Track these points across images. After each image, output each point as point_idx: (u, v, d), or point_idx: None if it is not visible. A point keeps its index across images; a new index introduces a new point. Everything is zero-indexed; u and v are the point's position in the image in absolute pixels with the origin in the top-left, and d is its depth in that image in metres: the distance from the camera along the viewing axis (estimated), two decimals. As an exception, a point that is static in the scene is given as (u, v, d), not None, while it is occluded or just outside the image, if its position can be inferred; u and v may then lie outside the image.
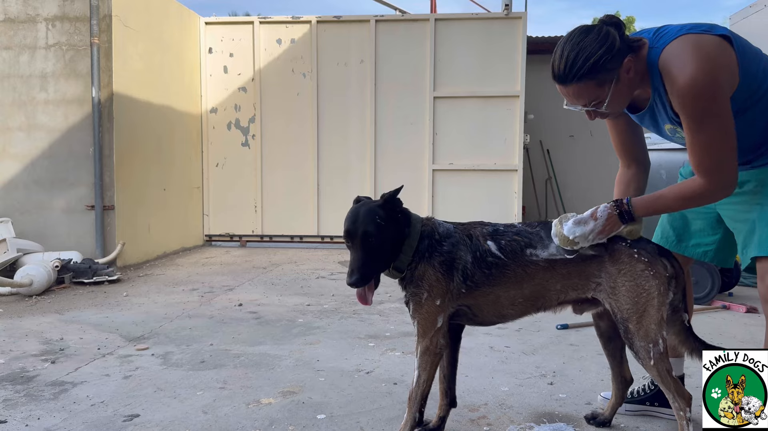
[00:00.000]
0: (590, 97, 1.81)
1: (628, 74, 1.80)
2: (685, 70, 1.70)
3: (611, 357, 2.24)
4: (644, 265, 1.90)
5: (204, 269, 6.06)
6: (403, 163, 7.52)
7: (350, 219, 1.98)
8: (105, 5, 5.69)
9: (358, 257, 1.95)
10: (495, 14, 7.60)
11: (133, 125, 6.10)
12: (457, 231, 2.05)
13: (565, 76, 1.79)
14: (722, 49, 1.74)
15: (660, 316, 1.89)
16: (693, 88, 1.69)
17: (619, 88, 1.80)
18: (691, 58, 1.71)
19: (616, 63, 1.77)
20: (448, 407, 2.21)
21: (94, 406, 2.49)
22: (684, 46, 1.74)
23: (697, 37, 1.75)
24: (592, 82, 1.77)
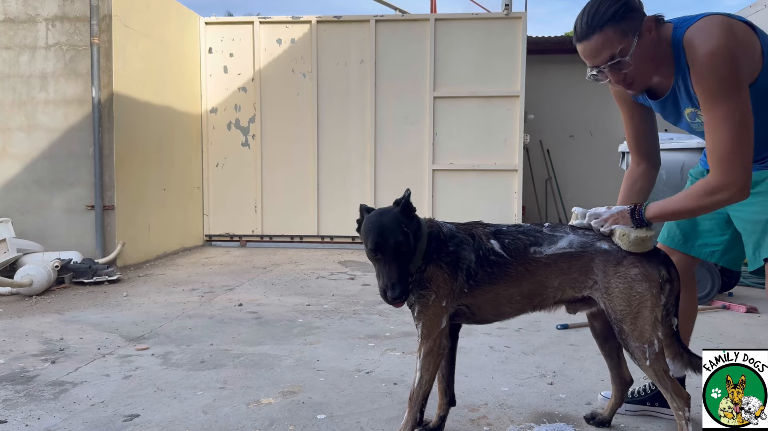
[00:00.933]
0: (614, 47, 1.75)
1: (650, 34, 1.77)
2: (709, 40, 1.68)
3: (609, 357, 2.25)
4: (638, 269, 1.91)
5: (204, 269, 6.06)
6: (403, 163, 7.53)
7: (376, 231, 1.88)
8: (105, 5, 5.70)
9: (393, 269, 1.85)
10: (495, 14, 7.60)
11: (133, 125, 6.10)
12: (459, 231, 2.06)
13: (588, 26, 1.77)
14: (748, 32, 1.73)
15: (654, 317, 1.89)
16: (714, 59, 1.66)
17: (643, 44, 1.76)
18: (717, 32, 1.68)
19: (637, 16, 1.76)
20: (447, 406, 2.22)
21: (94, 406, 2.49)
22: (710, 22, 1.72)
23: (724, 17, 1.74)
24: (616, 29, 1.73)
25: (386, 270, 1.86)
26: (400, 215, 1.93)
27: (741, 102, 1.68)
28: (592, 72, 1.84)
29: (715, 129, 1.70)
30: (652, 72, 1.84)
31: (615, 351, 2.22)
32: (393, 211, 1.95)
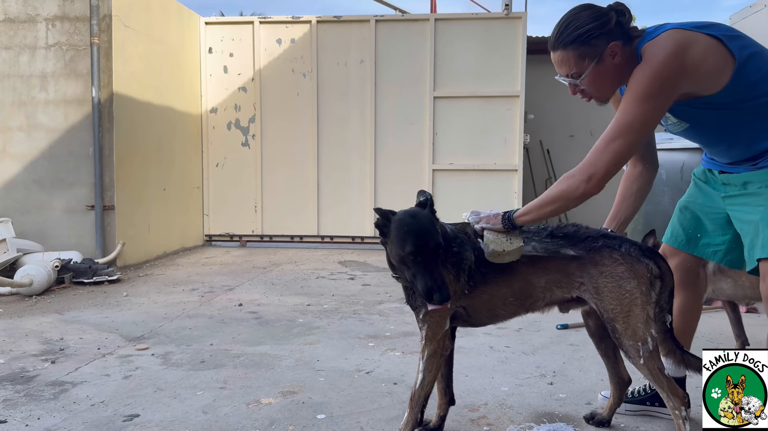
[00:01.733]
0: (570, 68, 1.87)
1: (613, 59, 1.85)
2: (654, 52, 1.77)
3: (605, 357, 2.25)
4: (624, 267, 1.91)
5: (204, 269, 6.06)
6: (403, 163, 7.53)
7: (416, 234, 1.84)
8: (105, 5, 5.69)
9: (435, 271, 1.83)
10: (495, 14, 7.60)
11: (133, 125, 6.10)
12: (459, 232, 2.06)
13: (555, 41, 1.89)
14: (709, 49, 1.77)
15: (646, 315, 1.90)
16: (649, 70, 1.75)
17: (601, 69, 1.85)
18: (666, 47, 1.76)
19: (602, 42, 1.83)
20: (447, 405, 2.22)
21: (94, 406, 2.49)
22: (667, 36, 1.79)
23: (687, 33, 1.79)
24: (574, 53, 1.84)
25: (428, 272, 1.82)
26: (432, 216, 1.94)
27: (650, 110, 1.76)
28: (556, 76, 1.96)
29: (616, 121, 1.80)
30: (611, 89, 1.94)
31: (612, 350, 2.22)
32: (424, 212, 1.94)
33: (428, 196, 2.00)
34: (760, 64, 1.81)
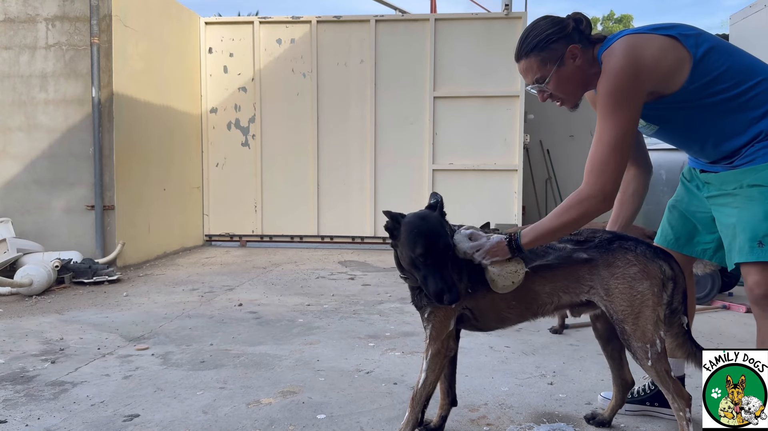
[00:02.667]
0: (534, 73, 1.94)
1: (574, 61, 1.90)
2: (611, 61, 1.82)
3: (611, 359, 2.25)
4: (637, 268, 1.91)
5: (204, 269, 6.06)
6: (403, 163, 7.52)
7: (427, 236, 1.86)
8: (105, 5, 5.69)
9: (445, 272, 1.85)
10: (495, 14, 7.61)
11: (133, 125, 6.10)
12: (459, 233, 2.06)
13: (518, 52, 1.97)
14: (662, 49, 1.81)
15: (656, 317, 1.89)
16: (608, 79, 1.81)
17: (564, 72, 1.91)
18: (622, 53, 1.81)
19: (562, 45, 1.89)
20: (449, 406, 2.22)
21: (94, 406, 2.49)
22: (622, 42, 1.84)
23: (640, 37, 1.84)
24: (536, 58, 1.92)
25: (439, 273, 1.84)
26: (442, 219, 1.96)
27: (621, 120, 1.80)
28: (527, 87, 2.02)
29: (598, 139, 1.83)
30: (577, 92, 1.99)
31: (617, 352, 2.22)
32: (434, 214, 1.96)
33: (439, 198, 2.02)
34: (718, 61, 1.83)
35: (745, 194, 1.85)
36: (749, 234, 1.83)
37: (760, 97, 1.82)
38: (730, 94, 1.83)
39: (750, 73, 1.84)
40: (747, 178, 1.85)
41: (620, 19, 28.28)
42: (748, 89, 1.82)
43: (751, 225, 1.83)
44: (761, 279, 1.83)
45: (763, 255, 1.81)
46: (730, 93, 1.83)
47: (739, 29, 7.57)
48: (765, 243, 1.81)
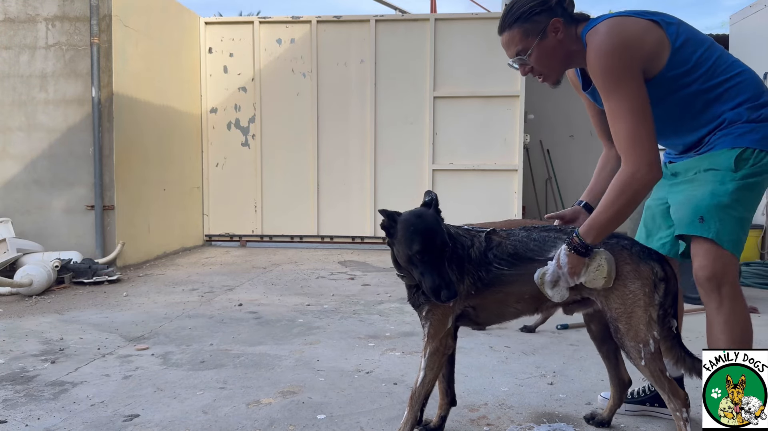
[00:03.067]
0: (516, 45, 1.94)
1: (556, 35, 1.91)
2: (596, 41, 1.82)
3: (607, 359, 2.25)
4: (630, 267, 1.92)
5: (204, 269, 6.06)
6: (403, 163, 7.53)
7: (424, 233, 1.87)
8: (105, 5, 5.69)
9: (442, 269, 1.86)
10: (495, 14, 7.60)
11: (133, 125, 6.10)
12: (463, 234, 2.06)
13: (500, 25, 1.97)
14: (645, 30, 1.83)
15: (648, 317, 1.89)
16: (598, 57, 1.80)
17: (546, 45, 1.92)
18: (606, 33, 1.82)
19: (544, 17, 1.90)
20: (448, 406, 2.22)
21: (94, 406, 2.49)
22: (606, 24, 1.85)
23: (623, 18, 1.87)
24: (519, 30, 1.92)
25: (435, 271, 1.85)
26: (438, 216, 1.97)
27: (630, 91, 1.78)
28: (508, 62, 2.01)
29: (614, 120, 1.82)
30: (559, 67, 1.99)
31: (613, 352, 2.22)
32: (430, 212, 1.97)
33: (434, 196, 2.03)
34: (696, 52, 1.84)
35: (701, 178, 1.88)
36: (692, 209, 1.86)
37: (732, 90, 1.84)
38: (705, 86, 1.85)
39: (725, 68, 1.86)
40: (704, 163, 1.88)
41: (620, 19, 28.29)
42: (722, 82, 1.85)
43: (696, 201, 1.86)
44: (705, 262, 1.84)
45: (702, 231, 1.83)
46: (705, 85, 1.85)
47: (739, 29, 7.57)
48: (706, 220, 1.82)
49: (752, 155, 1.80)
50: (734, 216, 1.82)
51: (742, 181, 1.81)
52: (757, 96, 1.84)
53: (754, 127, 1.81)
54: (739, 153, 1.80)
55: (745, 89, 1.84)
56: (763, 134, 1.81)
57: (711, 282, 1.83)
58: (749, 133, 1.81)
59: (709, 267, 1.83)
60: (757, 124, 1.82)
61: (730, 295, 1.84)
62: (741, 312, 1.86)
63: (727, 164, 1.81)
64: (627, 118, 1.77)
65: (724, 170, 1.82)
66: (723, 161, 1.82)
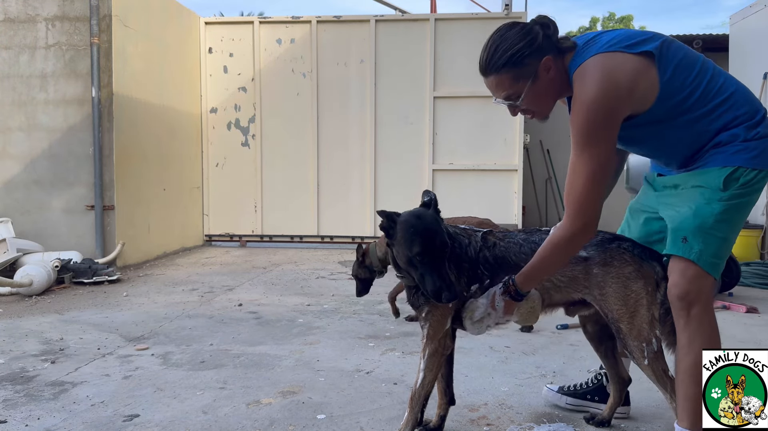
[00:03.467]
0: (507, 90, 1.83)
1: (548, 73, 1.82)
2: (584, 90, 1.74)
3: (605, 358, 2.26)
4: (632, 268, 1.92)
5: (204, 269, 6.06)
6: (403, 163, 7.53)
7: (424, 234, 1.86)
8: (105, 5, 5.69)
9: (442, 270, 1.85)
10: (495, 14, 7.61)
11: (133, 125, 6.10)
12: (461, 233, 2.07)
13: (486, 66, 1.84)
14: (634, 72, 1.75)
15: (651, 316, 1.91)
16: (584, 110, 1.74)
17: (538, 86, 1.82)
18: (595, 81, 1.73)
19: (534, 59, 1.79)
20: (447, 405, 2.22)
21: (94, 406, 2.49)
22: (595, 65, 1.75)
23: (613, 56, 1.76)
24: (508, 74, 1.80)
25: (436, 272, 1.84)
26: (438, 216, 1.96)
27: (598, 154, 1.75)
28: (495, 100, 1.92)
29: (573, 174, 1.79)
30: (550, 103, 1.91)
31: (611, 351, 2.23)
32: (429, 212, 1.95)
33: (432, 196, 2.02)
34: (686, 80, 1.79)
35: (686, 194, 1.87)
36: (677, 229, 1.84)
37: (727, 114, 1.80)
38: (698, 113, 1.80)
39: (717, 91, 1.81)
40: (693, 180, 1.86)
41: (621, 20, 28.26)
42: (716, 107, 1.80)
43: (679, 221, 1.84)
44: (679, 279, 1.82)
45: (684, 251, 1.81)
46: (698, 112, 1.80)
47: (739, 29, 7.57)
48: (690, 241, 1.81)
49: (742, 174, 1.78)
50: (718, 237, 1.80)
51: (729, 202, 1.79)
52: (751, 115, 1.81)
53: (747, 145, 1.78)
54: (731, 172, 1.78)
55: (740, 109, 1.81)
56: (755, 153, 1.78)
57: (682, 302, 1.82)
58: (742, 152, 1.78)
59: (683, 286, 1.81)
60: (751, 143, 1.79)
61: (699, 316, 1.81)
62: (707, 333, 1.82)
63: (716, 183, 1.79)
64: (585, 180, 1.75)
65: (712, 189, 1.80)
66: (712, 179, 1.80)
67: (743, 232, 6.27)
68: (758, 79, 6.80)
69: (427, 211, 1.96)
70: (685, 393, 1.83)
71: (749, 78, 7.12)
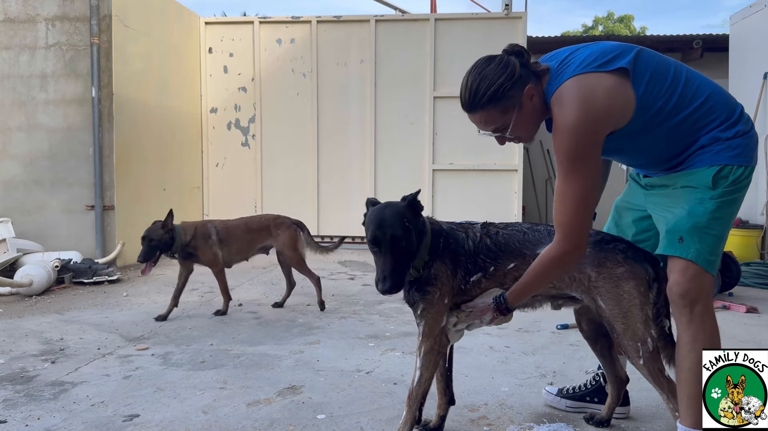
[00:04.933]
0: (495, 123, 1.87)
1: (531, 101, 1.84)
2: (565, 115, 1.76)
3: (601, 357, 2.27)
4: (624, 268, 1.93)
5: (204, 269, 6.04)
6: (403, 163, 7.53)
7: (376, 223, 1.90)
8: (105, 5, 5.70)
9: (388, 261, 1.87)
10: (495, 14, 7.60)
11: (133, 125, 6.10)
12: (458, 230, 2.08)
13: (470, 104, 1.90)
14: (610, 92, 1.77)
15: (645, 315, 1.91)
16: (567, 136, 1.75)
17: (523, 114, 1.85)
18: (573, 105, 1.75)
19: (517, 91, 1.82)
20: (447, 405, 2.22)
21: (94, 406, 2.49)
22: (570, 89, 1.77)
23: (587, 78, 1.77)
24: (495, 109, 1.84)
25: (381, 262, 1.88)
26: (405, 210, 1.95)
27: (584, 177, 1.77)
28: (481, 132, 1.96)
29: (560, 199, 1.80)
30: (536, 128, 1.93)
31: (607, 350, 2.24)
32: (397, 205, 1.97)
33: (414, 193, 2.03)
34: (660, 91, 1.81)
35: (677, 194, 1.89)
36: (672, 230, 1.86)
37: (704, 118, 1.83)
38: (676, 120, 1.82)
39: (692, 96, 1.83)
40: (681, 180, 1.88)
41: (621, 19, 28.25)
42: (692, 111, 1.82)
43: (674, 222, 1.86)
44: (680, 278, 1.83)
45: (682, 251, 1.83)
46: (676, 119, 1.82)
47: (739, 29, 7.57)
48: (686, 241, 1.83)
49: (731, 172, 1.81)
50: (713, 235, 1.83)
51: (720, 199, 1.81)
52: (729, 115, 1.84)
53: (730, 143, 1.81)
54: (718, 170, 1.80)
55: (717, 112, 1.83)
56: (739, 150, 1.82)
57: (684, 300, 1.83)
58: (726, 150, 1.81)
59: (685, 284, 1.83)
60: (733, 141, 1.82)
61: (701, 314, 1.83)
62: (709, 331, 1.84)
63: (705, 182, 1.82)
64: (572, 204, 1.77)
65: (702, 188, 1.82)
66: (701, 179, 1.82)
67: (743, 232, 6.27)
68: (758, 79, 6.80)
69: (393, 203, 1.99)
70: (688, 392, 1.83)
71: (749, 78, 7.13)
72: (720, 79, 8.45)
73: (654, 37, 9.19)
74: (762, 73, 6.76)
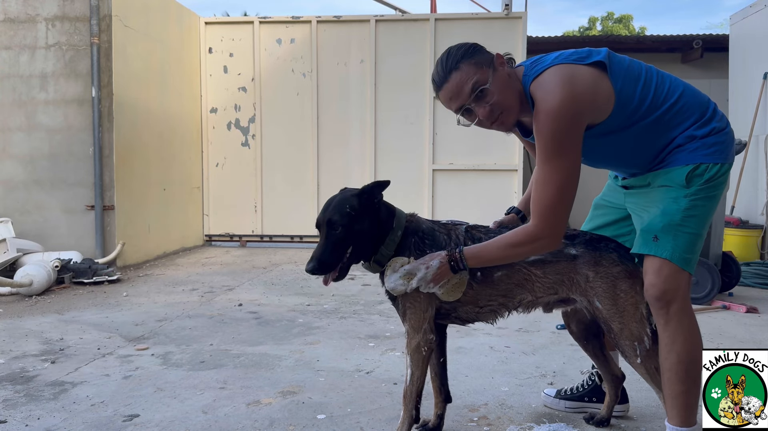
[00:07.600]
0: (473, 78, 1.80)
1: (503, 68, 1.84)
2: (548, 98, 1.74)
3: (595, 357, 2.27)
4: (620, 268, 1.94)
5: (204, 269, 6.06)
6: (403, 163, 7.52)
7: (323, 208, 2.00)
8: (105, 5, 5.69)
9: (321, 244, 1.94)
10: (495, 14, 7.60)
11: (133, 125, 6.10)
12: (439, 229, 2.07)
13: (444, 70, 1.84)
14: (592, 80, 1.77)
15: (640, 314, 1.92)
16: (550, 119, 1.73)
17: (500, 76, 1.82)
18: (557, 88, 1.74)
19: (487, 53, 1.85)
20: (444, 403, 2.22)
21: (94, 406, 2.49)
22: (553, 75, 1.77)
23: (569, 67, 1.79)
24: (470, 63, 1.81)
25: (319, 245, 1.94)
26: (352, 198, 1.99)
27: (566, 163, 1.76)
28: (459, 115, 1.90)
29: (544, 181, 1.78)
30: (517, 104, 1.85)
31: (599, 349, 2.25)
32: (347, 193, 2.03)
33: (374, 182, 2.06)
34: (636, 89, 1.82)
35: (653, 193, 1.89)
36: (646, 229, 1.87)
37: (678, 116, 1.84)
38: (651, 118, 1.83)
39: (666, 95, 1.84)
40: (659, 179, 1.88)
41: (619, 20, 28.24)
42: (667, 110, 1.83)
43: (649, 221, 1.87)
44: (655, 279, 1.83)
45: (656, 250, 1.83)
46: (651, 117, 1.83)
47: (739, 29, 7.57)
48: (660, 239, 1.83)
49: (706, 170, 1.81)
50: (688, 232, 1.82)
51: (694, 197, 1.82)
52: (703, 113, 1.85)
53: (705, 141, 1.82)
54: (692, 169, 1.81)
55: (690, 110, 1.84)
56: (714, 148, 1.82)
57: (660, 301, 1.83)
58: (701, 149, 1.82)
59: (660, 285, 1.82)
60: (708, 138, 1.83)
61: (678, 314, 1.82)
62: (687, 330, 1.83)
63: (679, 181, 1.82)
64: (553, 190, 1.76)
65: (676, 187, 1.83)
66: (675, 178, 1.83)
67: (743, 232, 6.27)
68: (758, 79, 6.80)
69: (347, 191, 2.05)
70: (671, 392, 1.83)
71: (749, 78, 7.13)
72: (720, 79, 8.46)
73: (654, 37, 9.18)
74: (762, 73, 6.76)
